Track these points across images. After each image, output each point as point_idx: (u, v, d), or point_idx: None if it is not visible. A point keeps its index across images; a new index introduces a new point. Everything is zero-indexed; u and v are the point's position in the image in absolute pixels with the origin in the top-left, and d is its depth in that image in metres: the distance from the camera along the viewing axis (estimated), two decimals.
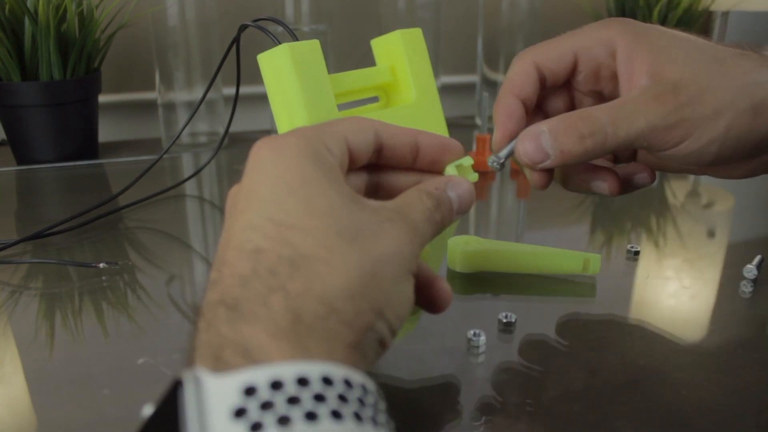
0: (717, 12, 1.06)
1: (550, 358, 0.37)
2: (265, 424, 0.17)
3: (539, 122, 0.32)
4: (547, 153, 0.32)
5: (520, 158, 0.33)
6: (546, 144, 0.31)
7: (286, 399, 0.18)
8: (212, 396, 0.18)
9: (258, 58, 0.43)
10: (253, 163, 0.25)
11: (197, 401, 0.18)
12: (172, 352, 0.37)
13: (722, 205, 0.63)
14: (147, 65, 0.89)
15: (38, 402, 0.34)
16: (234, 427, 0.17)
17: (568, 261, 0.46)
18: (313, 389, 0.18)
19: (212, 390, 0.18)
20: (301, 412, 0.18)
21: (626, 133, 0.31)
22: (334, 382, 0.19)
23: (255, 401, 0.18)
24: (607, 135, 0.31)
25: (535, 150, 0.32)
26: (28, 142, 0.74)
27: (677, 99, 0.31)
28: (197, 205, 0.64)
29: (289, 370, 0.18)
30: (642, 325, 0.41)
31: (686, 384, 0.34)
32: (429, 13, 0.86)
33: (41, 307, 0.43)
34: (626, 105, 0.31)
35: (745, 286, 0.45)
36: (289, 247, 0.22)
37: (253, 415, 0.17)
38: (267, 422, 0.17)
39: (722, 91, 0.31)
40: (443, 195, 0.28)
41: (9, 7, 0.69)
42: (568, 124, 0.31)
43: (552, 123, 0.32)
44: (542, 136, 0.32)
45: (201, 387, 0.18)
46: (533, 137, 0.32)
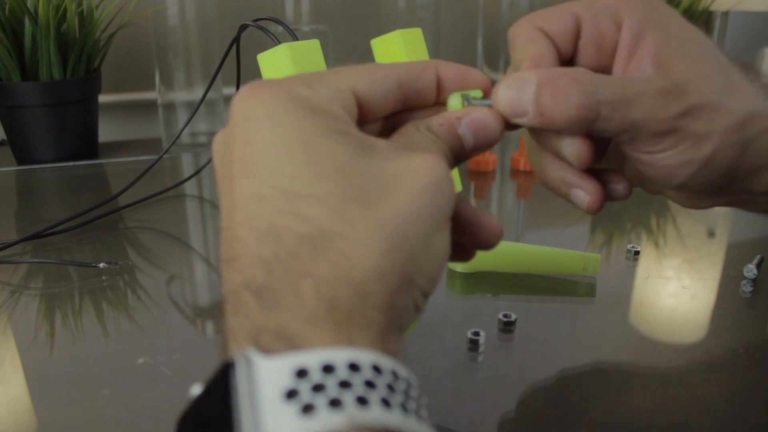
0: (717, 12, 1.06)
1: (549, 358, 0.37)
2: (317, 405, 0.17)
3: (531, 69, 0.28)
4: (525, 108, 0.27)
5: (496, 102, 0.28)
6: (527, 97, 0.27)
7: (337, 383, 0.18)
8: (263, 377, 0.18)
9: (258, 57, 0.43)
10: (240, 115, 0.22)
11: (249, 381, 0.18)
12: (172, 352, 0.37)
13: None
14: (147, 65, 0.89)
15: (38, 402, 0.34)
16: (285, 408, 0.17)
17: (568, 261, 0.46)
18: (363, 375, 0.18)
19: (263, 371, 0.18)
20: (353, 397, 0.18)
21: (621, 120, 0.27)
22: (383, 371, 0.19)
23: (307, 383, 0.18)
24: (599, 114, 0.27)
25: (515, 101, 0.27)
26: (28, 142, 0.74)
27: (680, 104, 0.27)
28: (197, 205, 0.64)
29: (340, 356, 0.18)
30: (642, 325, 0.41)
31: (686, 384, 0.34)
32: (429, 13, 0.86)
33: (41, 307, 0.43)
34: (629, 88, 0.27)
35: (745, 286, 0.45)
36: (306, 223, 0.20)
37: (305, 397, 0.17)
38: (318, 404, 0.17)
39: (722, 113, 0.28)
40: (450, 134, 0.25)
41: (9, 7, 0.69)
42: (560, 84, 0.27)
43: (542, 74, 0.27)
44: (526, 87, 0.27)
45: (252, 367, 0.18)
46: (518, 85, 0.27)
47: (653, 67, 0.28)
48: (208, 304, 0.44)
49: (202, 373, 0.37)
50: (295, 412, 0.17)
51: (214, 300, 0.45)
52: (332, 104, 0.23)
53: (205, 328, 0.41)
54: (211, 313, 0.43)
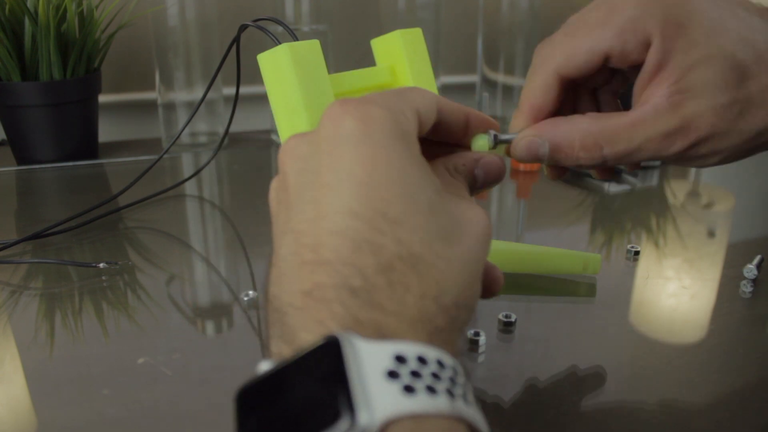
0: None
1: (549, 358, 0.37)
2: (417, 389, 0.19)
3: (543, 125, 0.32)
4: (542, 156, 0.32)
5: (514, 155, 0.32)
6: (542, 154, 0.32)
7: (430, 373, 0.20)
8: (366, 356, 0.19)
9: (258, 58, 0.44)
10: (336, 131, 0.24)
11: (354, 357, 0.19)
12: (172, 352, 0.37)
13: (722, 205, 0.63)
14: (147, 65, 0.89)
15: (38, 402, 0.34)
16: (389, 386, 0.19)
17: (568, 261, 0.46)
18: (447, 373, 0.20)
19: (365, 351, 0.19)
20: (444, 387, 0.19)
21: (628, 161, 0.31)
22: (459, 372, 0.21)
23: (406, 368, 0.19)
24: (605, 158, 0.31)
25: (530, 155, 0.32)
26: (28, 142, 0.74)
27: (685, 141, 0.30)
28: (197, 205, 0.64)
29: (431, 352, 0.20)
30: (642, 325, 0.41)
31: (686, 384, 0.34)
32: (429, 13, 0.86)
33: (41, 307, 0.43)
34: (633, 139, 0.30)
35: (745, 286, 0.45)
36: (401, 246, 0.22)
37: (405, 379, 0.19)
38: (418, 388, 0.19)
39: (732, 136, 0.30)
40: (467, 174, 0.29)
41: (9, 7, 0.69)
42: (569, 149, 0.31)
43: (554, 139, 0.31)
44: (540, 148, 0.31)
45: (354, 347, 0.19)
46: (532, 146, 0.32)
47: (666, 98, 0.30)
48: (208, 304, 0.44)
49: (202, 373, 0.37)
50: (398, 390, 0.19)
51: (214, 300, 0.45)
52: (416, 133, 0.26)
53: (205, 328, 0.41)
54: (211, 313, 0.43)
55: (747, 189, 0.69)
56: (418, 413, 0.19)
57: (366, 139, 0.23)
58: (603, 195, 0.65)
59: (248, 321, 0.42)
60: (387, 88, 0.53)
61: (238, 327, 0.41)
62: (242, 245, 0.54)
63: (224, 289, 0.47)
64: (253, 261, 0.51)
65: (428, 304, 0.22)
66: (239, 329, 0.41)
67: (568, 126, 0.31)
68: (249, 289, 0.45)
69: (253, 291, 0.43)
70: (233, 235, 0.57)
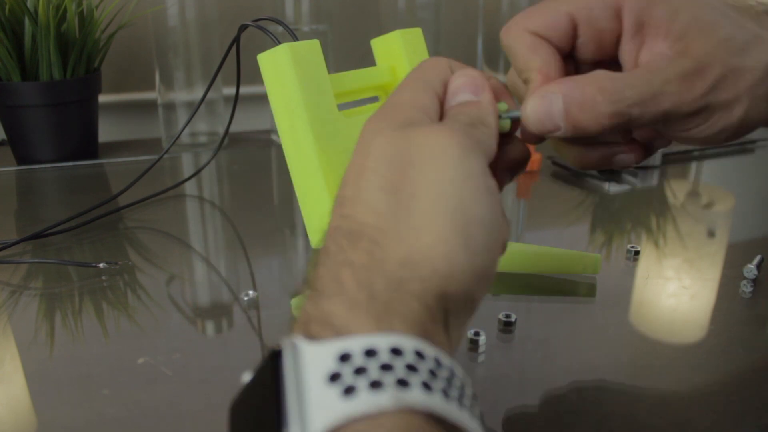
0: None
1: (549, 358, 0.37)
2: (358, 387, 0.18)
3: (554, 84, 0.28)
4: (557, 125, 0.27)
5: (527, 124, 0.28)
6: (557, 114, 0.27)
7: (379, 366, 0.19)
8: (309, 362, 0.19)
9: (258, 58, 0.43)
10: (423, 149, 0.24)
11: (295, 366, 0.19)
12: (172, 352, 0.37)
13: (722, 205, 0.63)
14: (147, 65, 0.89)
15: (38, 402, 0.34)
16: (328, 391, 0.18)
17: (568, 261, 0.46)
18: (405, 360, 0.19)
19: (309, 356, 0.19)
20: (394, 378, 0.18)
21: (653, 114, 0.27)
22: (426, 357, 0.19)
23: (349, 367, 0.18)
24: (631, 116, 0.27)
25: (545, 120, 0.28)
26: (28, 142, 0.74)
27: (704, 82, 0.27)
28: (197, 205, 0.64)
29: (383, 341, 0.19)
30: (642, 325, 0.41)
31: (686, 384, 0.34)
32: (429, 13, 0.86)
33: (41, 307, 0.43)
34: (653, 81, 0.27)
35: (745, 286, 0.45)
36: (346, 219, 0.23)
37: (347, 380, 0.18)
38: (360, 386, 0.18)
39: (744, 74, 0.28)
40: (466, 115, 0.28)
41: (9, 7, 0.69)
42: (586, 98, 0.27)
43: (567, 89, 0.27)
44: (554, 104, 0.27)
45: (298, 353, 0.19)
46: (545, 106, 0.27)
47: (669, 49, 0.28)
48: (208, 304, 0.44)
49: (202, 373, 0.37)
50: (338, 394, 0.18)
51: (214, 300, 0.45)
52: None
53: (205, 328, 0.41)
54: (211, 313, 0.43)
55: (747, 189, 0.69)
56: (357, 415, 0.18)
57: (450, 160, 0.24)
58: (603, 195, 0.65)
59: (248, 321, 0.42)
60: (387, 88, 0.53)
61: (238, 327, 0.41)
62: (242, 245, 0.54)
63: (224, 289, 0.47)
64: (253, 261, 0.51)
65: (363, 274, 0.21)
66: (239, 329, 0.41)
67: (580, 78, 0.28)
68: (249, 289, 0.45)
69: (253, 291, 0.43)
70: (233, 235, 0.57)
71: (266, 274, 0.48)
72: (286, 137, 0.48)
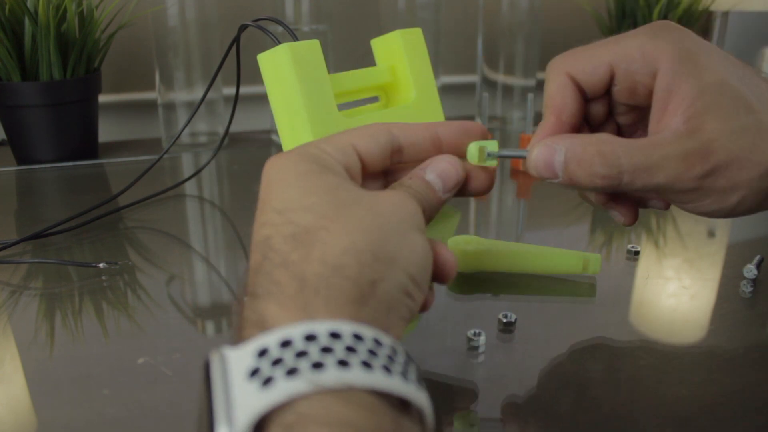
0: (717, 12, 1.06)
1: (549, 359, 0.37)
2: (275, 377, 0.19)
3: (559, 136, 0.31)
4: (556, 173, 0.30)
5: (529, 168, 0.31)
6: (558, 165, 0.30)
7: (294, 354, 0.20)
8: (232, 364, 0.20)
9: (258, 58, 0.44)
10: (264, 181, 0.27)
11: (222, 371, 0.20)
12: (172, 352, 0.37)
13: None
14: (147, 65, 0.89)
15: (38, 402, 0.34)
16: (249, 385, 0.19)
17: (568, 261, 0.46)
18: (320, 343, 0.20)
19: (232, 359, 0.20)
20: (308, 363, 0.19)
21: (642, 185, 0.29)
22: (342, 336, 0.20)
23: (267, 360, 0.20)
24: (621, 181, 0.29)
25: (546, 166, 0.31)
26: (28, 142, 0.74)
27: (704, 166, 0.29)
28: (197, 205, 0.64)
29: (297, 330, 0.20)
30: (642, 325, 0.41)
31: (686, 384, 0.34)
32: (429, 13, 0.86)
33: (41, 307, 0.43)
34: (652, 155, 0.29)
35: (745, 286, 0.45)
36: (292, 226, 0.24)
37: (265, 372, 0.19)
38: (277, 375, 0.19)
39: (748, 166, 0.29)
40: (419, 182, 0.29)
41: (9, 7, 0.69)
42: (585, 157, 0.29)
43: (570, 146, 0.30)
44: (556, 156, 0.30)
45: (224, 359, 0.20)
46: (548, 153, 0.30)
47: (683, 124, 0.29)
48: (208, 304, 0.44)
49: (202, 373, 0.36)
50: (257, 387, 0.19)
51: (214, 300, 0.45)
52: (333, 158, 0.27)
53: (205, 328, 0.41)
54: (211, 313, 0.43)
55: None
56: (277, 403, 0.19)
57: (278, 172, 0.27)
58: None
59: None
60: (387, 87, 0.54)
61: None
62: (242, 245, 0.54)
63: (224, 289, 0.47)
64: None
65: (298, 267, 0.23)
66: None
67: (585, 136, 0.30)
68: None
69: None
70: (233, 235, 0.57)
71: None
72: (286, 137, 0.48)
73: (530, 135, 0.71)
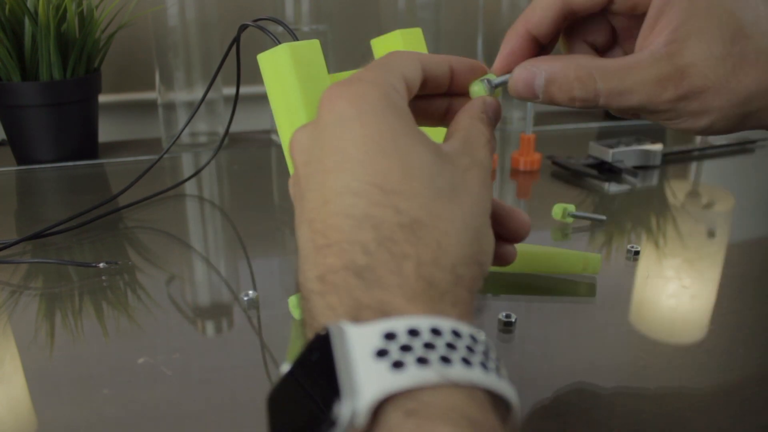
0: None
1: (549, 359, 0.37)
2: (406, 363, 0.19)
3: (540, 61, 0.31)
4: (536, 94, 0.31)
5: (511, 90, 0.32)
6: (538, 87, 0.31)
7: (422, 344, 0.20)
8: (355, 341, 0.20)
9: (258, 58, 0.44)
10: (331, 116, 0.25)
11: (342, 345, 0.20)
12: (172, 352, 0.37)
13: (722, 205, 0.63)
14: (147, 65, 0.89)
15: (38, 402, 0.34)
16: (377, 364, 0.19)
17: (568, 261, 0.46)
18: (445, 339, 0.20)
19: (354, 336, 0.20)
20: (437, 356, 0.19)
21: (619, 104, 0.30)
22: (462, 335, 0.21)
23: (395, 344, 0.20)
24: (598, 100, 0.30)
25: (526, 88, 0.31)
26: (28, 142, 0.74)
27: (677, 91, 0.30)
28: (197, 205, 0.64)
29: (424, 322, 0.20)
30: (642, 325, 0.41)
31: (686, 384, 0.34)
32: (429, 13, 0.86)
33: (41, 307, 0.43)
34: (626, 79, 0.30)
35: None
36: (400, 214, 0.23)
37: (394, 355, 0.19)
38: (407, 361, 0.19)
39: (723, 93, 0.30)
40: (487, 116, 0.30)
41: (9, 7, 0.69)
42: (565, 81, 0.30)
43: (550, 69, 0.31)
44: (536, 79, 0.31)
45: (344, 334, 0.20)
46: (528, 79, 0.31)
47: (664, 46, 0.30)
48: (208, 304, 0.44)
49: (202, 373, 0.37)
50: (386, 368, 0.19)
51: (214, 300, 0.45)
52: (403, 98, 0.26)
53: (205, 328, 0.41)
54: (211, 313, 0.43)
55: (747, 189, 0.69)
56: (407, 387, 0.19)
57: (358, 119, 0.24)
58: (603, 195, 0.65)
59: (248, 321, 0.42)
60: None
61: (238, 327, 0.41)
62: (242, 245, 0.54)
63: (224, 289, 0.47)
64: (253, 261, 0.51)
65: (429, 269, 0.22)
66: (239, 329, 0.41)
67: (564, 59, 0.31)
68: (249, 289, 0.45)
69: (253, 291, 0.43)
70: (233, 235, 0.57)
71: (266, 274, 0.48)
72: (286, 137, 0.48)
73: (530, 135, 0.71)
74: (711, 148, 0.80)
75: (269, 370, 0.36)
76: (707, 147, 0.80)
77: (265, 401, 0.21)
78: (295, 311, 0.41)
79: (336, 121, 0.25)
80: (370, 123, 0.24)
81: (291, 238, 0.55)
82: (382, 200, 0.23)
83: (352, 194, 0.23)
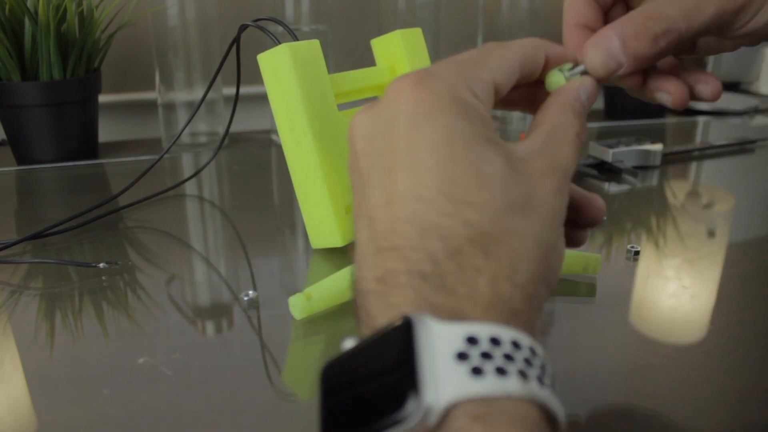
0: None
1: (549, 358, 0.37)
2: (486, 370, 0.19)
3: (605, 29, 0.30)
4: (620, 61, 0.29)
5: (594, 71, 0.30)
6: (617, 52, 0.29)
7: (503, 354, 0.20)
8: (437, 338, 0.19)
9: (258, 58, 0.44)
10: (403, 108, 0.24)
11: (427, 338, 0.19)
12: (172, 352, 0.37)
13: (722, 205, 0.63)
14: (147, 65, 0.89)
15: (38, 402, 0.34)
16: (457, 368, 0.19)
17: (568, 261, 0.46)
18: (524, 354, 0.20)
19: (437, 333, 0.20)
20: (515, 369, 0.19)
21: (699, 24, 0.29)
22: (537, 353, 0.21)
23: (476, 350, 0.19)
24: (681, 30, 0.29)
25: (607, 60, 0.29)
26: (28, 142, 0.74)
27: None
28: (197, 205, 0.64)
29: (506, 333, 0.20)
30: (642, 325, 0.41)
31: (686, 384, 0.34)
32: (429, 13, 0.86)
33: (41, 307, 0.43)
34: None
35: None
36: (469, 227, 0.22)
37: (474, 361, 0.19)
38: (487, 369, 0.19)
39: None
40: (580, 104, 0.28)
41: (9, 7, 0.69)
42: (638, 28, 0.29)
43: (619, 28, 0.29)
44: (612, 44, 0.29)
45: (427, 327, 0.20)
46: (603, 47, 0.29)
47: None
48: (208, 304, 0.44)
49: (202, 373, 0.37)
50: (466, 372, 0.19)
51: (214, 300, 0.45)
52: (484, 107, 0.25)
53: (205, 328, 0.41)
54: (211, 313, 0.43)
55: (747, 189, 0.69)
56: (484, 395, 0.19)
57: (429, 120, 0.23)
58: (603, 195, 0.65)
59: (248, 321, 0.42)
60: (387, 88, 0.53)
61: (238, 327, 0.41)
62: (242, 245, 0.54)
63: (224, 289, 0.47)
64: (253, 261, 0.51)
65: (502, 286, 0.22)
66: (239, 329, 0.41)
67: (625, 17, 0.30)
68: (249, 289, 0.45)
69: (253, 291, 0.43)
70: (233, 235, 0.57)
71: (266, 274, 0.48)
72: (286, 137, 0.48)
73: None
74: (711, 148, 0.80)
75: (269, 370, 0.36)
76: (707, 147, 0.80)
77: (320, 371, 0.21)
78: (295, 311, 0.41)
79: (404, 118, 0.24)
80: (441, 126, 0.23)
81: (291, 238, 0.55)
82: (450, 210, 0.22)
83: (419, 200, 0.23)
